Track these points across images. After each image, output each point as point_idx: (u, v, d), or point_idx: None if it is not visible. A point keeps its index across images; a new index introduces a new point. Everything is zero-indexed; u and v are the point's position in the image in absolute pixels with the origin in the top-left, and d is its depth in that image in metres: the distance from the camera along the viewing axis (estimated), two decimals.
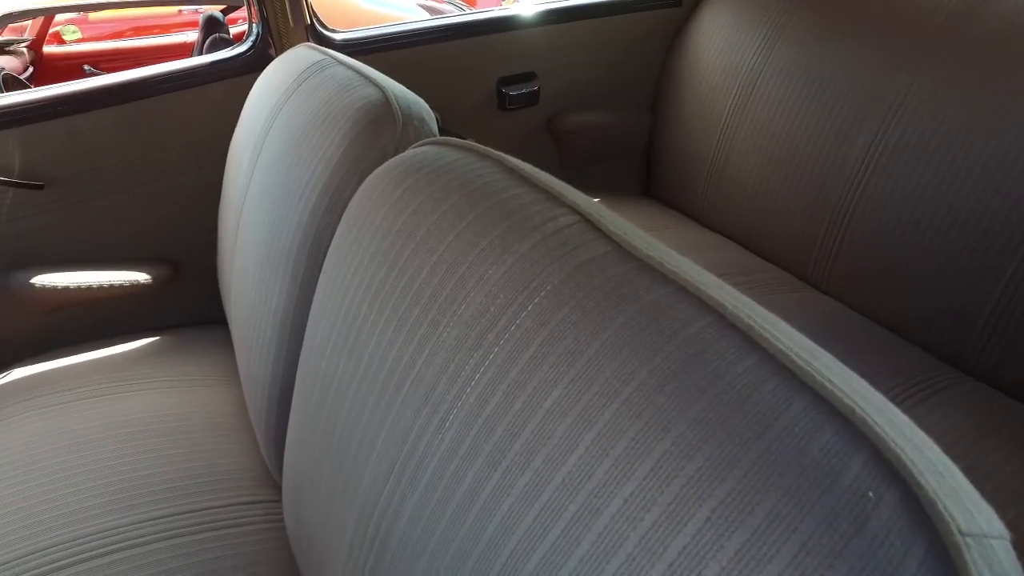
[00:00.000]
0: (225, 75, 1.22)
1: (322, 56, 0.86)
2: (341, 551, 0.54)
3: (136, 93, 1.16)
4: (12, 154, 1.09)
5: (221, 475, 0.88)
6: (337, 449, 0.55)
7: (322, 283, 0.61)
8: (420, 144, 0.58)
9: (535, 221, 0.43)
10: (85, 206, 1.17)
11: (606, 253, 0.40)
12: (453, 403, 0.42)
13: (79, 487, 0.84)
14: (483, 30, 1.46)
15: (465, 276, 0.44)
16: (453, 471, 0.41)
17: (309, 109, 0.77)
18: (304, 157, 0.72)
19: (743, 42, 1.42)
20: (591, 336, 0.36)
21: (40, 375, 1.07)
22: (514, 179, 0.48)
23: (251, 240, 0.85)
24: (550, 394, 0.36)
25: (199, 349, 1.17)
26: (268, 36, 1.24)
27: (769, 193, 1.35)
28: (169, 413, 0.98)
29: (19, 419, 0.96)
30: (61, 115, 1.12)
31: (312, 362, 0.61)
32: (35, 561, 0.75)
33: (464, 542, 0.40)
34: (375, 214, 0.53)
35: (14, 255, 1.15)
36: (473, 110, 1.49)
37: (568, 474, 0.34)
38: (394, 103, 0.69)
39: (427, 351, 0.45)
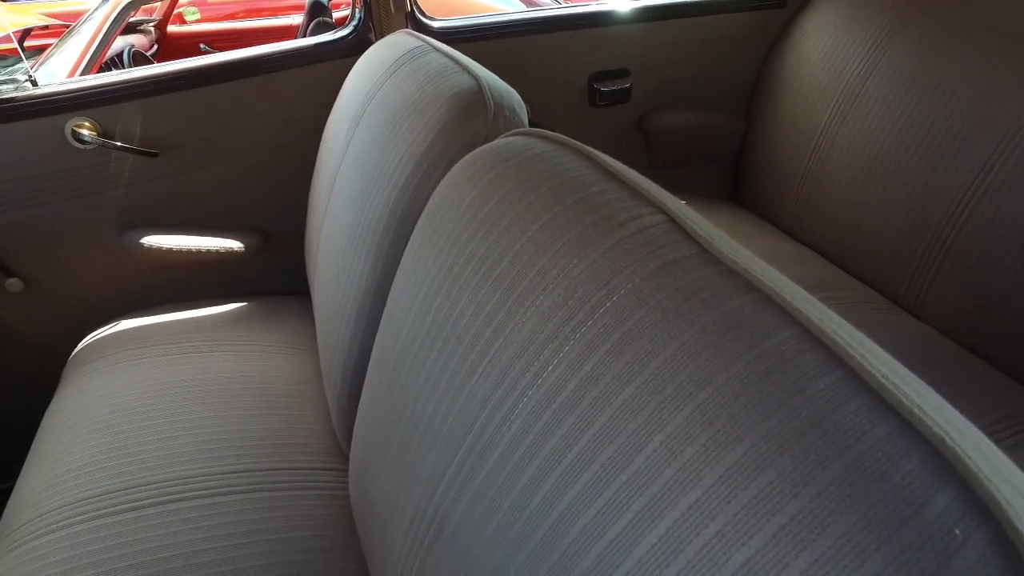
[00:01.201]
0: (326, 57, 1.27)
1: (419, 43, 0.88)
2: (402, 525, 0.56)
3: (244, 71, 1.23)
4: (134, 123, 1.18)
5: (294, 439, 0.93)
6: (406, 426, 0.56)
7: (404, 264, 0.62)
8: (510, 134, 0.59)
9: (620, 218, 0.43)
10: (192, 174, 1.25)
11: (690, 255, 0.39)
12: (523, 392, 0.42)
13: (168, 434, 0.90)
14: (578, 24, 1.45)
15: (546, 268, 0.44)
16: (518, 459, 0.42)
17: (404, 93, 0.79)
18: (396, 140, 0.74)
19: (849, 48, 1.35)
20: (669, 338, 0.36)
21: (142, 328, 1.15)
22: (602, 175, 0.48)
23: (339, 217, 0.88)
24: (622, 392, 0.36)
25: (282, 318, 1.23)
26: (369, 21, 1.28)
27: (864, 208, 1.28)
28: (251, 375, 1.03)
29: (122, 367, 1.04)
30: (177, 89, 1.19)
31: (388, 339, 0.63)
32: (124, 496, 0.81)
33: (523, 530, 0.40)
34: (461, 200, 0.54)
35: (129, 215, 1.24)
36: (563, 104, 1.49)
37: (634, 474, 0.34)
38: (487, 92, 0.70)
39: (501, 339, 0.45)
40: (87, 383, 1.02)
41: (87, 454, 0.88)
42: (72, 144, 1.14)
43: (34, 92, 1.11)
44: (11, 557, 0.77)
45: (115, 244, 1.25)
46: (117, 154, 1.18)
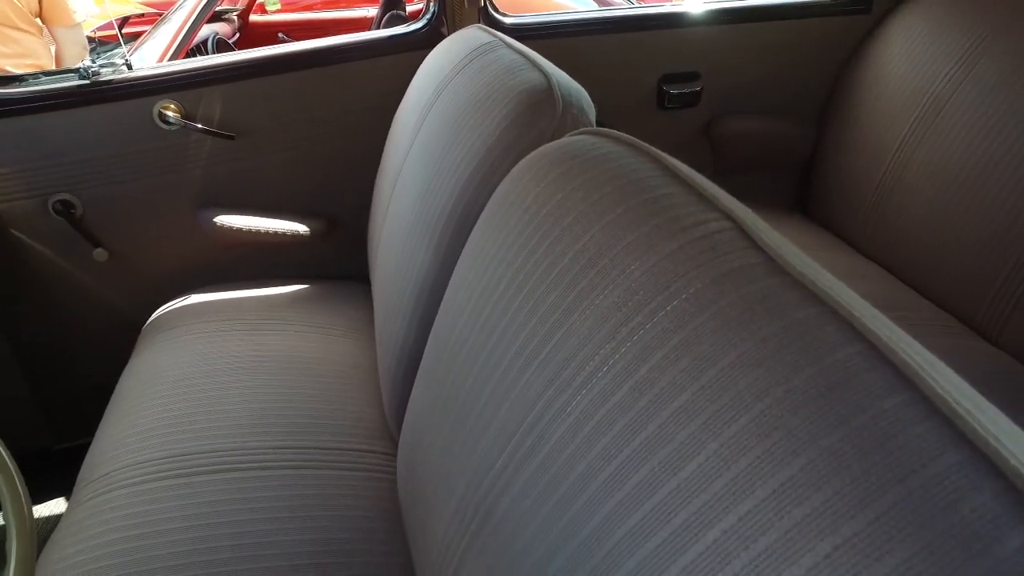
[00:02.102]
0: (399, 49, 1.30)
1: (491, 38, 0.89)
2: (447, 512, 0.57)
3: (320, 60, 1.27)
4: (214, 107, 1.23)
5: (346, 420, 0.95)
6: (457, 415, 0.57)
7: (465, 256, 0.63)
8: (577, 132, 0.59)
9: (685, 222, 0.42)
10: (264, 158, 1.30)
11: (756, 264, 0.38)
12: (577, 391, 0.42)
13: (226, 406, 0.94)
14: (650, 25, 1.43)
15: (607, 268, 0.44)
16: (567, 457, 0.42)
17: (473, 88, 0.80)
18: (463, 133, 0.75)
19: (938, 56, 1.28)
20: (728, 346, 0.35)
21: (210, 303, 1.21)
22: (668, 177, 0.47)
23: (403, 207, 0.90)
24: (677, 397, 0.36)
25: (342, 302, 1.26)
26: (442, 15, 1.29)
27: (941, 226, 1.22)
28: (309, 355, 1.07)
29: (189, 339, 1.10)
30: (256, 76, 1.24)
31: (445, 329, 0.64)
32: (185, 461, 0.85)
33: (567, 528, 0.41)
34: (525, 196, 0.55)
35: (204, 195, 1.30)
36: (631, 105, 1.47)
37: (684, 480, 0.34)
38: (556, 90, 0.70)
39: (558, 336, 0.46)
40: (158, 352, 1.08)
41: (154, 418, 0.93)
42: (158, 125, 1.20)
43: (128, 75, 1.18)
44: (88, 505, 0.82)
45: (190, 221, 1.31)
46: (197, 136, 1.24)
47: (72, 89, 1.15)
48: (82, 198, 1.22)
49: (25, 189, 1.19)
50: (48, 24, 1.84)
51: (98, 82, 1.15)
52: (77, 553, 0.76)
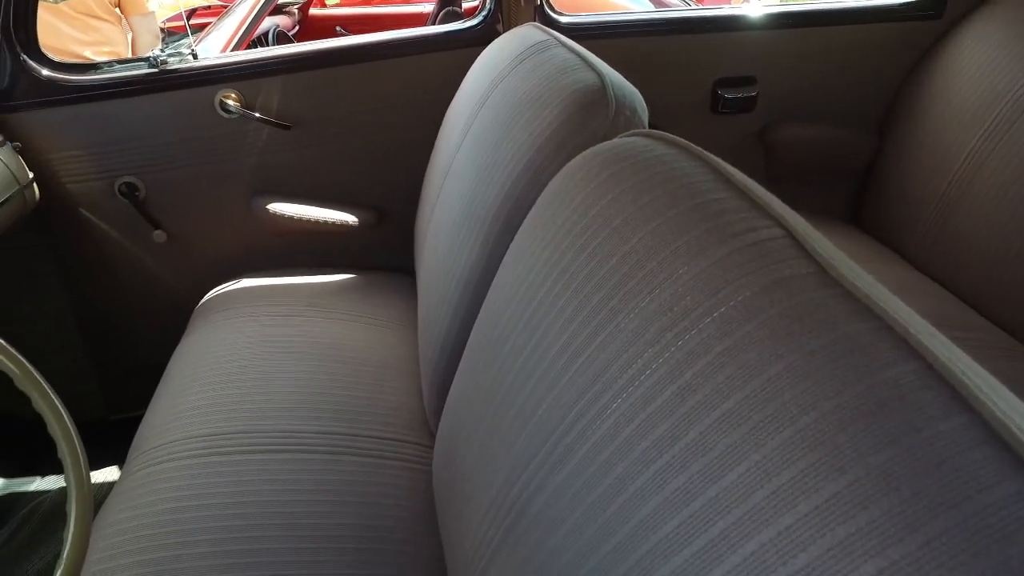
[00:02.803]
0: (453, 45, 1.31)
1: (546, 36, 0.89)
2: (481, 507, 0.57)
3: (375, 54, 1.29)
4: (272, 97, 1.26)
5: (385, 410, 0.97)
6: (496, 411, 0.57)
7: (511, 253, 0.64)
8: (629, 134, 0.58)
9: (736, 228, 0.42)
10: (318, 149, 1.33)
11: (807, 274, 0.37)
12: (619, 393, 0.42)
13: (271, 388, 0.97)
14: (707, 28, 1.41)
15: (654, 271, 0.44)
16: (605, 459, 0.42)
17: (526, 86, 0.80)
18: (514, 131, 0.76)
19: (1014, 65, 1.22)
20: (776, 356, 0.34)
21: (260, 288, 1.25)
22: (721, 183, 0.46)
23: (451, 202, 0.91)
24: (720, 405, 0.35)
25: (387, 293, 1.28)
26: (498, 13, 1.30)
27: (1006, 244, 1.17)
28: (353, 344, 1.09)
29: (239, 322, 1.13)
30: (313, 68, 1.27)
31: (488, 325, 0.64)
32: (230, 440, 0.88)
33: (601, 530, 0.40)
34: (574, 195, 0.54)
35: (259, 182, 1.34)
36: (684, 108, 1.45)
37: (723, 490, 0.33)
38: (610, 90, 0.70)
39: (602, 337, 0.45)
40: (209, 332, 1.12)
41: (203, 396, 0.96)
42: (219, 113, 1.24)
43: (194, 64, 1.22)
44: (139, 475, 0.86)
45: (244, 208, 1.35)
46: (254, 125, 1.27)
47: (142, 77, 1.20)
48: (146, 181, 1.28)
49: (95, 171, 1.25)
50: (125, 13, 1.93)
51: (166, 70, 1.20)
52: (127, 519, 0.79)
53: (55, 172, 1.23)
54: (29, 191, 1.17)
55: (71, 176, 1.24)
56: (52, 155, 1.21)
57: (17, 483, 1.35)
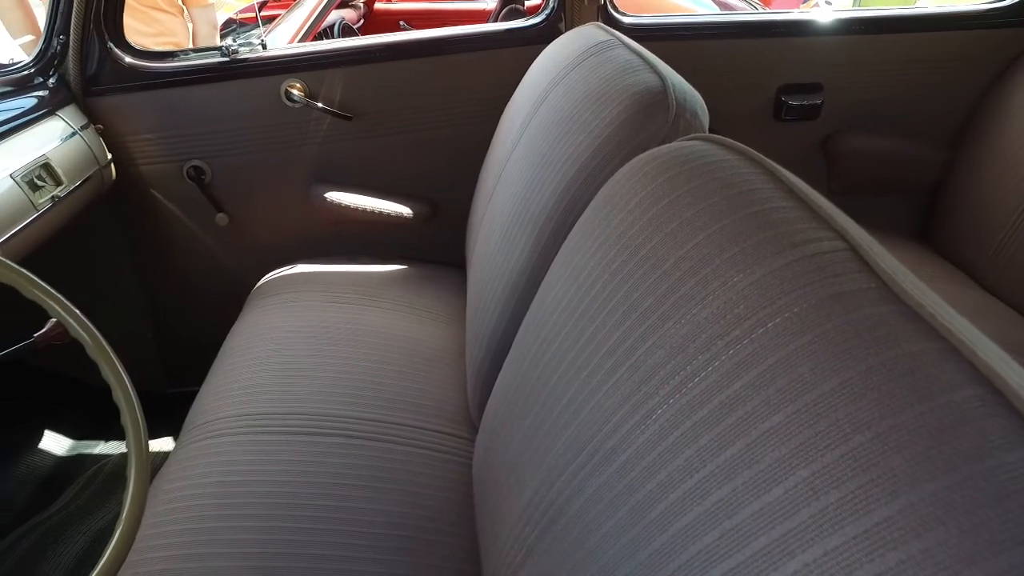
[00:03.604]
0: (515, 43, 1.31)
1: (608, 37, 0.88)
2: (518, 505, 0.58)
3: (437, 50, 1.31)
4: (335, 88, 1.30)
5: (430, 401, 0.98)
6: (539, 410, 0.58)
7: (563, 252, 0.64)
8: (689, 138, 0.57)
9: (796, 239, 0.41)
10: (377, 140, 1.36)
11: (868, 289, 0.36)
12: (665, 399, 0.42)
13: (319, 373, 0.99)
14: (774, 32, 1.37)
15: (708, 278, 0.43)
16: (647, 465, 0.41)
17: (586, 85, 0.80)
18: (572, 131, 0.76)
19: None
20: (830, 371, 0.34)
21: (314, 274, 1.28)
22: (782, 191, 0.45)
23: (505, 198, 0.91)
24: (769, 418, 0.35)
25: (436, 285, 1.30)
26: (561, 11, 1.30)
27: None
28: (402, 334, 1.11)
29: (292, 306, 1.17)
30: (376, 61, 1.30)
31: (536, 323, 0.64)
32: (278, 420, 0.91)
33: (638, 537, 0.40)
34: (630, 197, 0.54)
35: (318, 171, 1.37)
36: (745, 113, 1.42)
37: (768, 505, 0.33)
38: (671, 93, 0.69)
39: (650, 342, 0.45)
40: (263, 314, 1.16)
41: (255, 376, 0.99)
42: (284, 102, 1.28)
43: (263, 54, 1.26)
44: (192, 448, 0.90)
45: (303, 195, 1.39)
46: (317, 114, 1.31)
47: (214, 65, 1.25)
48: (212, 165, 1.33)
49: (166, 154, 1.31)
50: (187, 5, 2.01)
51: (237, 60, 1.25)
52: (180, 488, 0.83)
53: (131, 154, 1.29)
54: (107, 171, 1.23)
55: (145, 158, 1.30)
56: (129, 137, 1.28)
57: (83, 445, 1.42)
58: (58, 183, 1.07)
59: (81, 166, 1.15)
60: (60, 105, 1.17)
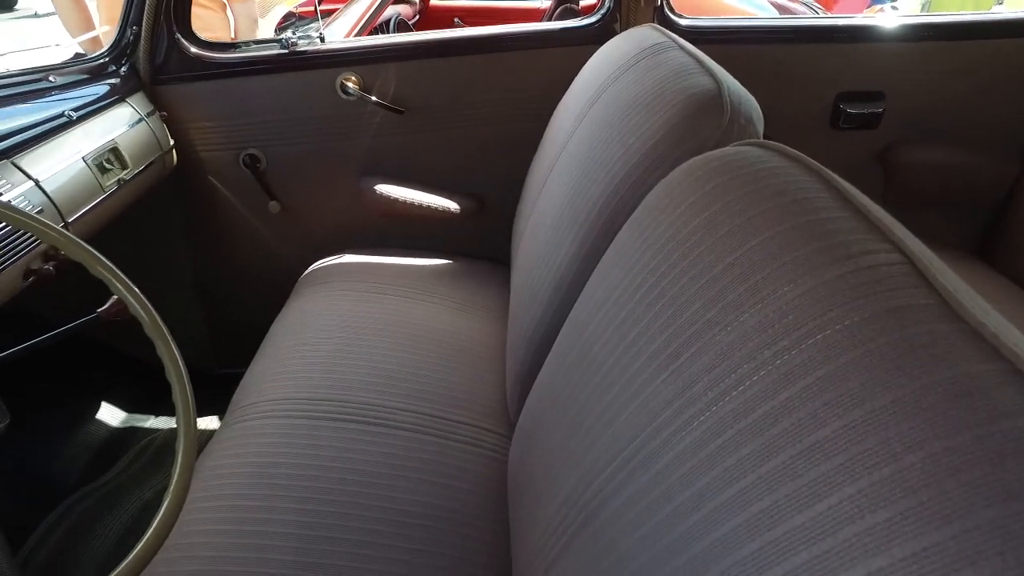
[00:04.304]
0: (569, 42, 1.31)
1: (663, 38, 0.87)
2: (553, 503, 0.58)
3: (491, 47, 1.32)
4: (389, 82, 1.32)
5: (468, 396, 0.99)
6: (579, 410, 0.58)
7: (610, 254, 0.63)
8: (742, 143, 0.57)
9: (851, 250, 0.40)
10: (427, 135, 1.37)
11: (926, 305, 0.35)
12: (708, 406, 0.41)
13: (361, 361, 1.01)
14: (834, 37, 1.34)
15: (758, 286, 0.42)
16: (686, 471, 0.41)
17: (640, 87, 0.79)
18: (624, 131, 0.75)
19: None
20: (882, 388, 0.33)
21: (360, 265, 1.30)
22: (838, 201, 0.44)
23: (553, 197, 0.91)
24: (816, 432, 0.34)
25: (480, 281, 1.31)
26: (616, 12, 1.29)
27: None
28: (444, 328, 1.12)
29: (337, 295, 1.19)
30: (429, 56, 1.31)
31: (580, 323, 0.64)
32: (319, 406, 0.93)
33: (676, 542, 0.40)
34: (681, 201, 0.54)
35: (369, 163, 1.40)
36: (800, 120, 1.39)
37: (810, 520, 0.32)
38: (726, 97, 0.68)
39: (695, 348, 0.45)
40: (310, 301, 1.18)
41: (299, 361, 1.02)
42: (339, 94, 1.31)
43: (321, 47, 1.29)
44: (236, 427, 0.93)
45: (353, 186, 1.41)
46: (370, 107, 1.33)
47: (273, 57, 1.29)
48: (267, 154, 1.36)
49: (224, 142, 1.35)
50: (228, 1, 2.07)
51: (295, 52, 1.28)
52: (223, 466, 0.85)
53: (191, 140, 1.34)
54: (168, 156, 1.28)
55: (204, 145, 1.35)
56: (190, 125, 1.32)
57: (136, 419, 1.49)
58: (124, 167, 1.12)
59: (146, 151, 1.20)
60: (129, 92, 1.22)
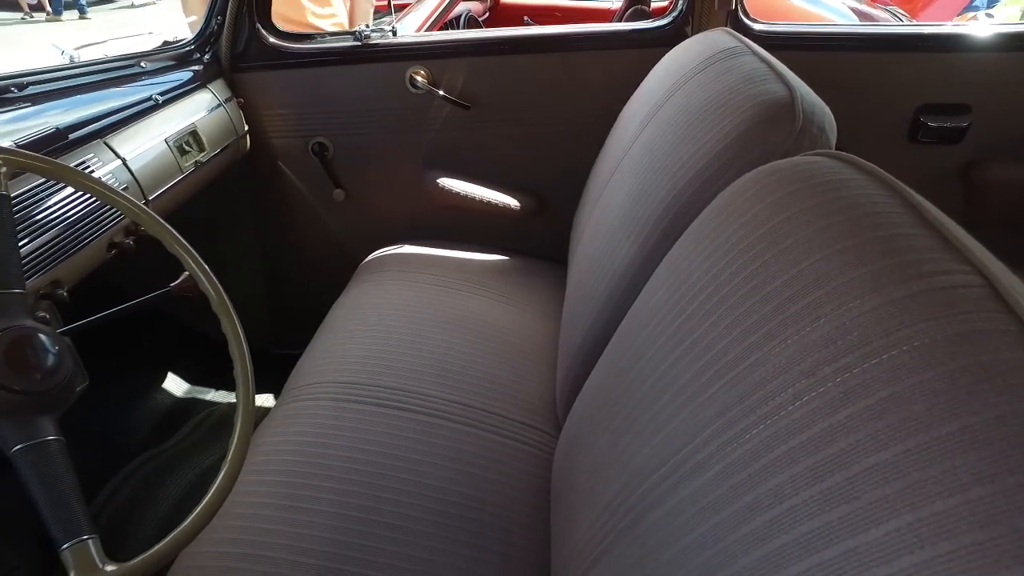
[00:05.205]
0: (638, 44, 1.30)
1: (736, 43, 0.85)
2: (596, 506, 0.58)
3: (559, 46, 1.32)
4: (457, 77, 1.33)
5: (516, 392, 1.00)
6: (629, 414, 0.57)
7: (669, 258, 0.63)
8: (814, 153, 0.55)
9: (924, 268, 0.38)
10: (492, 131, 1.39)
11: (1005, 331, 0.33)
12: (761, 420, 0.40)
13: (413, 351, 1.03)
14: (918, 47, 1.28)
15: (821, 300, 0.41)
16: (736, 483, 0.40)
17: (710, 92, 0.78)
18: (691, 136, 0.74)
19: None
20: (951, 414, 0.31)
21: (418, 256, 1.33)
22: (913, 217, 0.42)
23: (615, 199, 0.91)
24: (876, 454, 0.33)
25: (537, 280, 1.31)
26: (689, 15, 1.27)
27: None
28: (498, 324, 1.13)
29: (395, 284, 1.22)
30: (498, 53, 1.32)
31: (635, 327, 0.64)
32: (369, 392, 0.95)
33: (721, 554, 0.39)
34: (746, 209, 0.52)
35: (433, 156, 1.42)
36: (877, 132, 1.33)
37: (863, 544, 0.31)
38: (798, 105, 0.66)
39: (752, 359, 0.44)
40: (368, 289, 1.21)
41: (355, 347, 1.05)
42: (407, 88, 1.34)
43: (393, 41, 1.32)
44: (290, 407, 0.96)
45: (416, 178, 1.44)
46: (437, 101, 1.35)
47: (346, 48, 1.32)
48: (335, 143, 1.40)
49: (295, 129, 1.40)
50: None
51: (368, 44, 1.31)
52: (275, 443, 0.89)
53: (264, 127, 1.39)
54: (242, 141, 1.34)
55: (275, 132, 1.40)
56: (264, 112, 1.37)
57: (198, 391, 1.56)
58: (202, 149, 1.17)
59: (222, 135, 1.25)
60: (211, 79, 1.28)
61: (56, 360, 0.53)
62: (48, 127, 0.89)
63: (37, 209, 0.80)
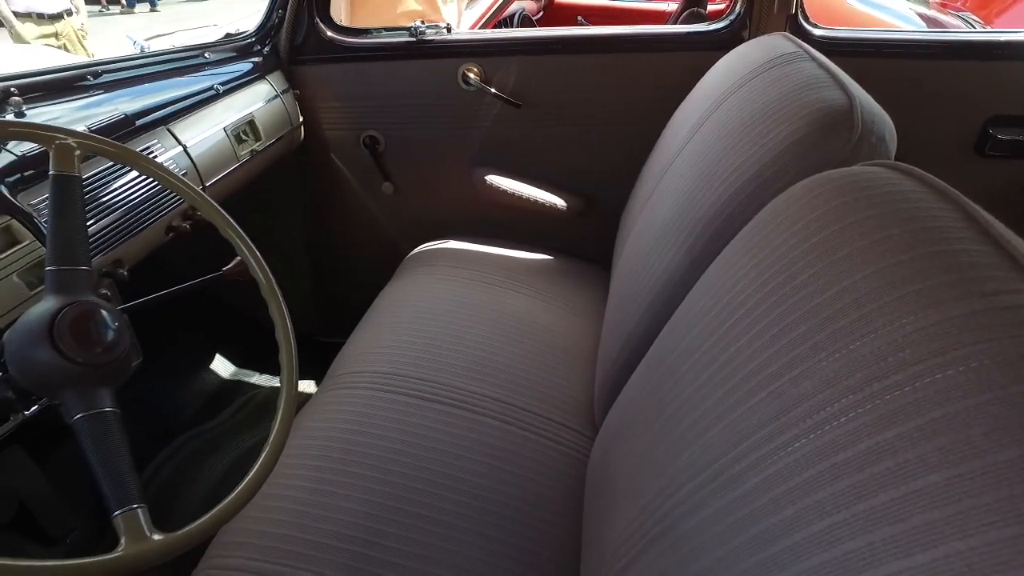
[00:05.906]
0: (694, 47, 1.28)
1: (795, 48, 0.83)
2: (630, 510, 0.57)
3: (613, 47, 1.31)
4: (509, 76, 1.34)
5: (554, 392, 1.00)
6: (668, 420, 0.57)
7: (717, 264, 0.62)
8: (872, 163, 0.53)
9: (986, 286, 0.36)
10: (542, 130, 1.39)
11: None
12: (804, 433, 0.40)
13: (457, 347, 1.04)
14: (990, 55, 1.22)
15: (872, 314, 0.40)
16: (775, 497, 0.39)
17: (765, 97, 0.76)
18: (744, 142, 0.73)
19: None
20: (1010, 440, 0.30)
21: (463, 251, 1.34)
22: (975, 232, 0.40)
23: (664, 202, 0.90)
24: (924, 477, 0.32)
25: (580, 280, 1.31)
26: (747, 18, 1.24)
27: None
28: (540, 323, 1.13)
29: (439, 278, 1.23)
30: (551, 53, 1.32)
31: (678, 332, 0.63)
32: (407, 383, 0.96)
33: (756, 568, 0.38)
34: (798, 218, 0.51)
35: (482, 153, 1.43)
36: (941, 144, 1.28)
37: (909, 569, 0.30)
38: (857, 113, 0.64)
39: (797, 371, 0.43)
40: (413, 282, 1.23)
41: (397, 338, 1.06)
42: (460, 84, 1.35)
43: (447, 37, 1.33)
44: (331, 394, 0.98)
45: (465, 174, 1.45)
46: (488, 99, 1.36)
47: (402, 44, 1.34)
48: (386, 137, 1.43)
49: (348, 122, 1.42)
50: None
51: (423, 40, 1.33)
52: (315, 428, 0.91)
53: (318, 119, 1.42)
54: (296, 132, 1.37)
55: (329, 124, 1.43)
56: (319, 104, 1.40)
57: (243, 373, 1.61)
58: (258, 139, 1.21)
59: (277, 126, 1.28)
60: (269, 71, 1.32)
61: (116, 335, 0.56)
62: (117, 114, 0.93)
63: (104, 192, 0.84)
